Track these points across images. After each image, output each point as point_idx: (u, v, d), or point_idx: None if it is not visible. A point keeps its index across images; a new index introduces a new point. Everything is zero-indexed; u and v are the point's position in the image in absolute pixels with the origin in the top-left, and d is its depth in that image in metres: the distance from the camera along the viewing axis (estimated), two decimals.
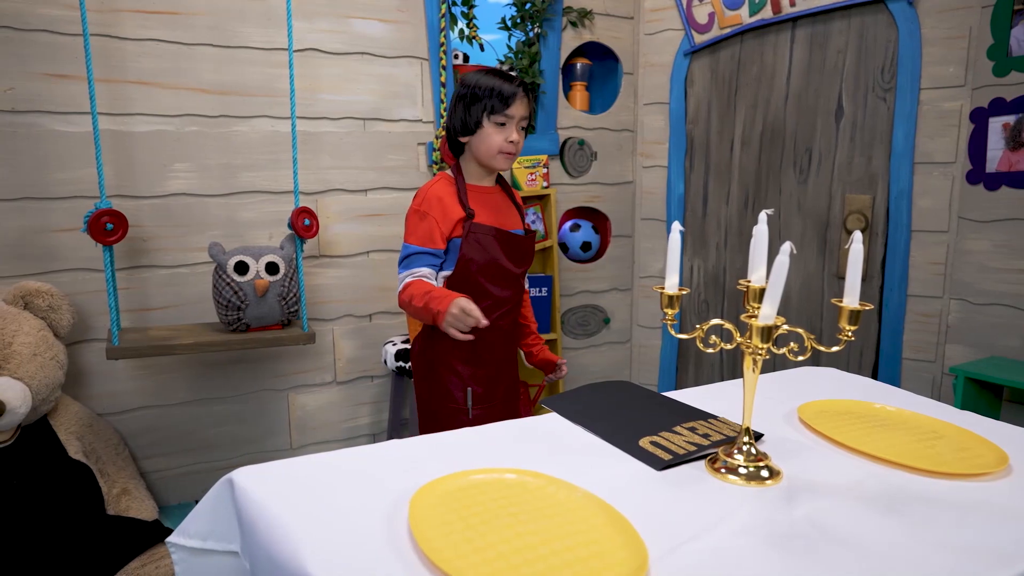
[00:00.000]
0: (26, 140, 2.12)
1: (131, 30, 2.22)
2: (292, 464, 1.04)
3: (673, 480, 1.02)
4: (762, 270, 1.04)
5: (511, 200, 1.81)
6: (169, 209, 2.33)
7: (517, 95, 1.65)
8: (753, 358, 0.98)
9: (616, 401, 1.35)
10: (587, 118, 3.06)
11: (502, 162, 1.69)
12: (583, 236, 3.08)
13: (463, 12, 2.77)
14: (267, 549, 0.86)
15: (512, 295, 1.77)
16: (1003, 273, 2.22)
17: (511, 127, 1.66)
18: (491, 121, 1.65)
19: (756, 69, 2.80)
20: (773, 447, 1.13)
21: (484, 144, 1.67)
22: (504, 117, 1.65)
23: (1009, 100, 2.16)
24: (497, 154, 1.67)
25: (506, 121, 1.65)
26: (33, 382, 1.92)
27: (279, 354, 2.55)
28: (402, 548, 0.82)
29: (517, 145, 1.68)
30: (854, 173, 2.57)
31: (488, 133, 1.66)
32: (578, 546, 0.82)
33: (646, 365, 3.28)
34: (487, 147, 1.67)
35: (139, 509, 2.11)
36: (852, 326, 0.97)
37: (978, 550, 0.85)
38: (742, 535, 0.87)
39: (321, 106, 2.51)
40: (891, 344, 2.50)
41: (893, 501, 0.96)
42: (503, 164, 1.70)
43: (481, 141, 1.67)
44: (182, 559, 1.03)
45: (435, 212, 1.65)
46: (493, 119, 1.65)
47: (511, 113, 1.65)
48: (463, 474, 0.98)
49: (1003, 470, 1.06)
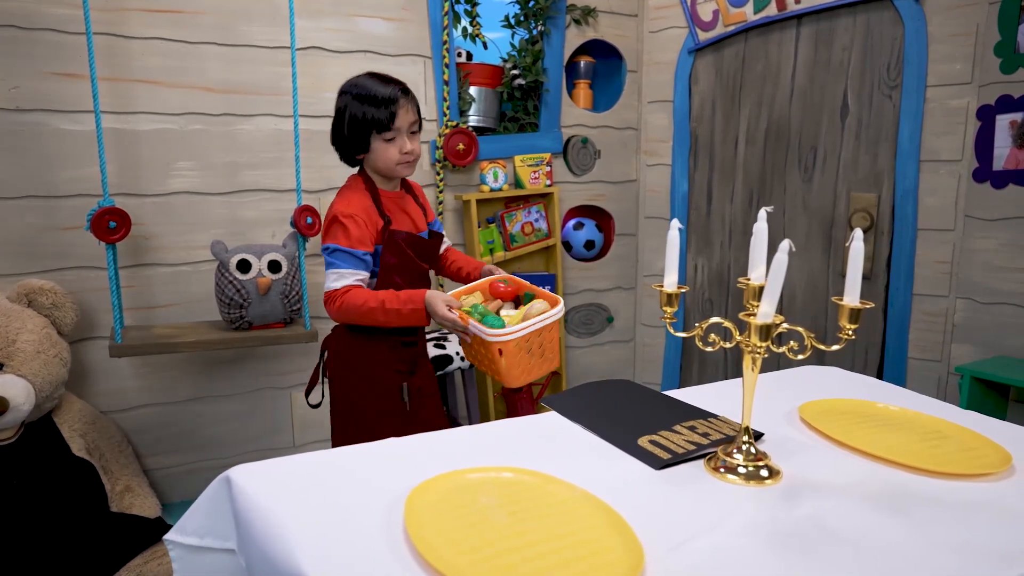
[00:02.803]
0: (31, 138, 2.13)
1: (136, 29, 2.23)
2: (289, 462, 1.04)
3: (672, 479, 1.01)
4: (762, 268, 1.03)
5: (415, 201, 1.78)
6: (173, 207, 2.33)
7: (398, 105, 1.58)
8: (752, 357, 0.97)
9: (616, 400, 1.34)
10: (591, 116, 3.05)
11: (405, 170, 1.66)
12: (586, 234, 3.08)
13: (466, 10, 2.77)
14: (262, 547, 0.86)
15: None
16: (1010, 272, 2.20)
17: (401, 138, 1.60)
18: (378, 139, 1.59)
19: (760, 67, 2.79)
20: (773, 446, 1.12)
21: (380, 160, 1.62)
22: (392, 132, 1.58)
23: (1016, 97, 2.14)
24: (396, 166, 1.63)
25: (395, 135, 1.59)
26: (36, 379, 1.93)
27: (282, 352, 2.55)
28: (398, 547, 0.81)
29: (413, 153, 1.63)
30: (859, 171, 2.55)
31: (381, 149, 1.60)
32: (575, 545, 0.81)
33: (650, 364, 3.27)
34: (384, 162, 1.62)
35: (142, 506, 2.11)
36: (853, 324, 0.96)
37: (981, 550, 0.84)
38: (740, 535, 0.86)
39: (325, 104, 2.50)
40: (896, 343, 2.48)
41: (895, 501, 0.95)
42: (406, 172, 1.67)
43: (377, 158, 1.62)
44: (180, 556, 1.03)
45: (364, 217, 1.60)
46: (380, 137, 1.59)
47: (397, 126, 1.58)
48: (460, 473, 0.97)
49: (1007, 470, 1.05)
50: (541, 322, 1.56)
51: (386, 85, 1.60)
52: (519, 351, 1.56)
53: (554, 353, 1.68)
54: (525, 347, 1.57)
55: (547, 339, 1.62)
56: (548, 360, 1.65)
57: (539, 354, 1.62)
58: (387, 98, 1.57)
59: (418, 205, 1.79)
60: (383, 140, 1.60)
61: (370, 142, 1.61)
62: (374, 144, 1.61)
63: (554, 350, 1.67)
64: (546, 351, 1.64)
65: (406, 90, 1.62)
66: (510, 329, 1.52)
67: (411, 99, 1.62)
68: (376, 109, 1.57)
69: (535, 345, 1.61)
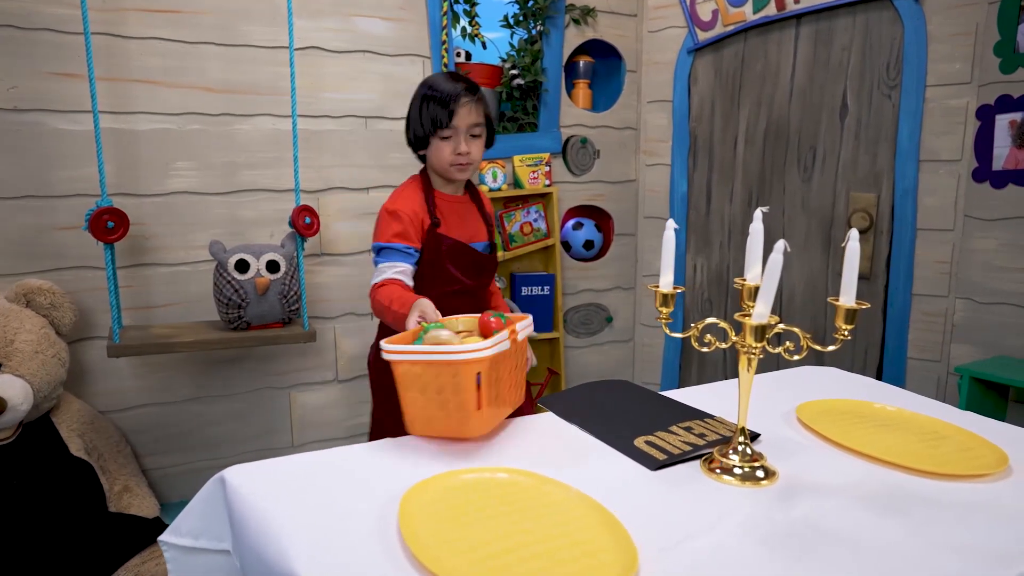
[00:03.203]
0: (30, 138, 2.13)
1: (135, 29, 2.23)
2: (284, 463, 1.04)
3: (668, 480, 1.01)
4: (758, 268, 1.03)
5: (479, 211, 1.76)
6: (171, 207, 2.33)
7: (458, 104, 1.57)
8: (748, 357, 0.97)
9: (613, 400, 1.34)
10: (590, 116, 3.04)
11: (456, 173, 1.65)
12: (586, 234, 3.07)
13: (465, 10, 2.77)
14: (256, 548, 0.86)
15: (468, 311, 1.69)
16: (1009, 272, 2.19)
17: (458, 138, 1.60)
18: (437, 136, 1.60)
19: (760, 66, 2.78)
20: (770, 447, 1.12)
21: (435, 158, 1.63)
22: (449, 131, 1.58)
23: (1016, 97, 2.14)
24: (449, 167, 1.63)
25: (451, 134, 1.59)
26: (35, 380, 1.92)
27: (281, 352, 2.55)
28: (392, 548, 0.81)
29: (469, 156, 1.61)
30: (859, 171, 2.55)
31: (437, 147, 1.61)
32: (569, 546, 0.81)
33: (649, 364, 3.27)
34: (438, 160, 1.63)
35: (140, 506, 2.11)
36: (848, 325, 0.96)
37: (977, 551, 0.83)
38: (736, 536, 0.86)
39: (324, 104, 2.50)
40: (896, 344, 2.48)
41: (891, 502, 0.95)
42: (458, 175, 1.66)
43: (432, 156, 1.63)
44: (174, 557, 1.03)
45: (409, 214, 1.60)
46: (439, 134, 1.59)
47: (455, 125, 1.58)
48: (455, 473, 0.97)
49: (1003, 471, 1.04)
50: (440, 354, 1.06)
51: (452, 83, 1.58)
52: (412, 383, 1.10)
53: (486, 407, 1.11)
54: (418, 384, 1.09)
55: (462, 384, 1.07)
56: (460, 419, 1.09)
57: (449, 405, 1.08)
58: (448, 95, 1.56)
59: (482, 217, 1.75)
60: (439, 138, 1.59)
61: (428, 138, 1.60)
62: (432, 141, 1.61)
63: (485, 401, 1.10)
64: (456, 405, 1.08)
65: (473, 90, 1.60)
66: (404, 349, 1.09)
67: (477, 100, 1.61)
68: (436, 106, 1.57)
69: (434, 389, 1.08)
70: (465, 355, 1.05)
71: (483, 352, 1.05)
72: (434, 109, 1.58)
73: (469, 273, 1.68)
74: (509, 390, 1.20)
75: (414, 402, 1.11)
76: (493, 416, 1.14)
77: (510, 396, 1.21)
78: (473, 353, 1.05)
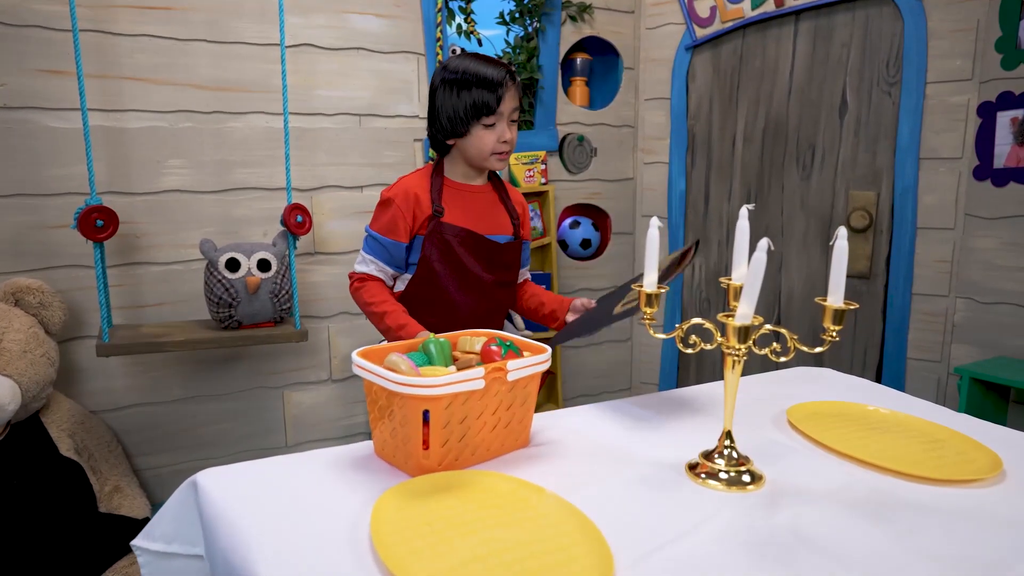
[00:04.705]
0: (20, 136, 2.11)
1: (125, 26, 2.21)
2: (260, 465, 1.02)
3: (651, 485, 0.99)
4: (744, 267, 1.00)
5: (503, 202, 1.67)
6: (163, 205, 2.31)
7: (504, 88, 1.49)
8: (732, 359, 0.95)
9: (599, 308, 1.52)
10: (587, 114, 3.02)
11: (496, 163, 1.58)
12: (583, 233, 3.05)
13: (460, 7, 2.74)
14: (225, 554, 0.84)
15: (489, 308, 1.64)
16: (1011, 271, 2.16)
17: (502, 124, 1.52)
18: (479, 123, 1.51)
19: (758, 63, 2.75)
20: (758, 450, 1.09)
21: (474, 147, 1.54)
22: (494, 117, 1.51)
23: (1018, 94, 2.10)
24: (490, 156, 1.55)
25: (496, 120, 1.51)
26: (23, 379, 1.91)
27: (274, 352, 2.53)
28: (362, 555, 0.79)
29: (511, 143, 1.55)
30: (858, 169, 2.52)
31: (477, 136, 1.52)
32: (544, 553, 0.79)
33: (647, 364, 3.24)
34: (478, 151, 1.54)
35: (131, 507, 2.10)
36: (836, 326, 0.93)
37: (965, 559, 0.81)
38: (718, 542, 0.83)
39: (316, 102, 2.48)
40: (895, 344, 2.45)
41: (879, 508, 0.92)
42: (497, 165, 1.59)
43: (470, 144, 1.54)
44: (148, 562, 1.01)
45: (401, 203, 1.55)
46: (483, 121, 1.51)
47: (501, 110, 1.50)
48: (428, 478, 0.95)
49: (996, 476, 1.01)
50: (388, 380, 0.93)
51: (494, 66, 1.51)
52: (374, 402, 1.01)
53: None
54: (376, 405, 1.01)
55: (408, 417, 0.95)
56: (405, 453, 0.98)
57: (398, 436, 0.98)
58: (495, 80, 1.48)
59: (507, 210, 1.66)
60: (483, 125, 1.51)
61: (469, 127, 1.52)
62: (473, 129, 1.52)
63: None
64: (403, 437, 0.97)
65: (513, 75, 1.53)
66: (366, 365, 0.98)
67: (518, 85, 1.54)
68: (482, 91, 1.48)
69: (387, 414, 0.99)
70: (408, 388, 0.90)
71: (429, 390, 0.90)
72: (479, 94, 1.49)
73: (485, 265, 1.60)
74: (492, 433, 1.02)
75: (376, 422, 1.03)
76: (456, 460, 0.99)
77: (494, 442, 1.03)
78: (416, 389, 0.90)
